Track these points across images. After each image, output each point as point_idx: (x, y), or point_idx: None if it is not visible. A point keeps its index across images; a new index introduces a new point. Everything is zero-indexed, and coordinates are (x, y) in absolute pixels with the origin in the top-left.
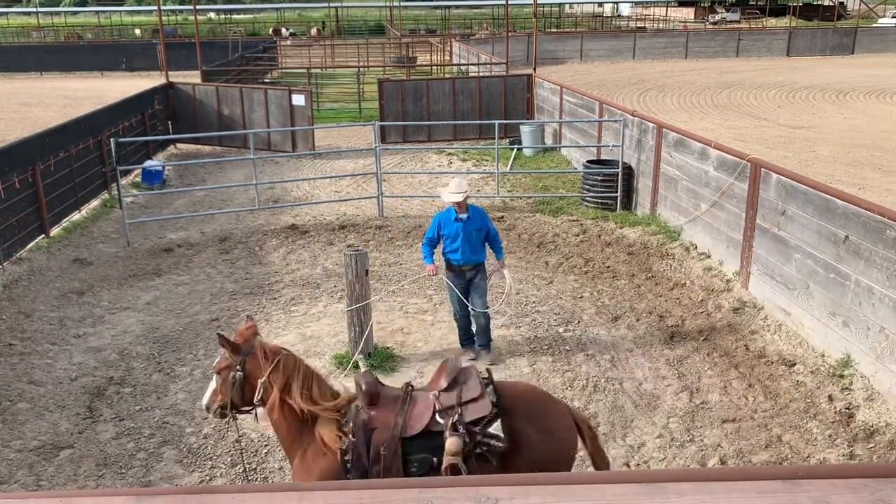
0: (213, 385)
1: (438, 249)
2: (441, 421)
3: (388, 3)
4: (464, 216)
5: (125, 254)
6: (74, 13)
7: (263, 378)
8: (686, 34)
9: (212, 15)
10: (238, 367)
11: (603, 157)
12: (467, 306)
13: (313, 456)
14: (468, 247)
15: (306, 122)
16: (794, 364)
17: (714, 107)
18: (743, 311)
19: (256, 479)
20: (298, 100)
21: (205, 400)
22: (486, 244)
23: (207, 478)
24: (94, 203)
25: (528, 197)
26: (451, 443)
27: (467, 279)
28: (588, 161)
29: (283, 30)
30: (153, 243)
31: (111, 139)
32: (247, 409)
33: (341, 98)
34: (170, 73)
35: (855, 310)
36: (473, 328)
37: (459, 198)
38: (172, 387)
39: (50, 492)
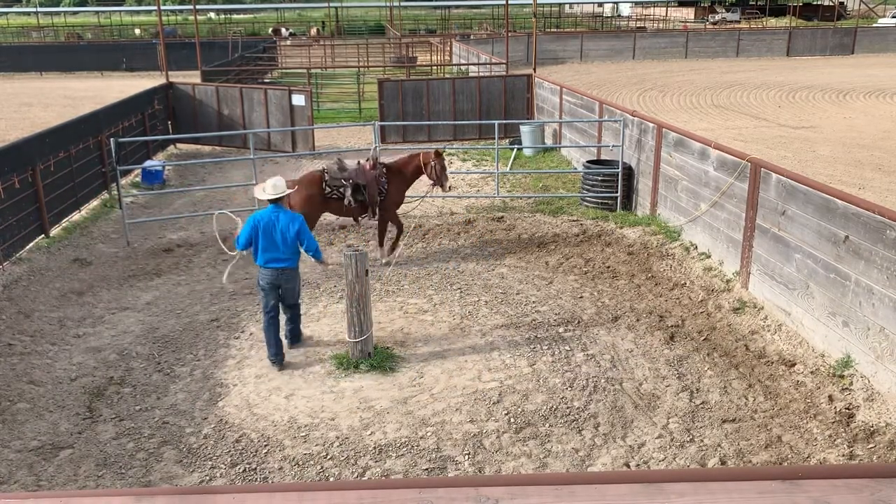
0: None
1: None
2: None
3: (388, 3)
4: None
5: (125, 254)
6: (74, 13)
7: None
8: (686, 34)
9: (212, 15)
10: None
11: (603, 157)
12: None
13: None
14: None
15: (306, 122)
16: (794, 364)
17: (714, 107)
18: (743, 311)
19: (256, 479)
20: (298, 100)
21: None
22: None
23: (207, 478)
24: (94, 203)
25: (528, 197)
26: None
27: None
28: (588, 161)
29: (283, 30)
30: (153, 243)
31: (111, 139)
32: None
33: (341, 98)
34: (170, 73)
35: (855, 310)
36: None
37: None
38: (172, 387)
39: (50, 492)
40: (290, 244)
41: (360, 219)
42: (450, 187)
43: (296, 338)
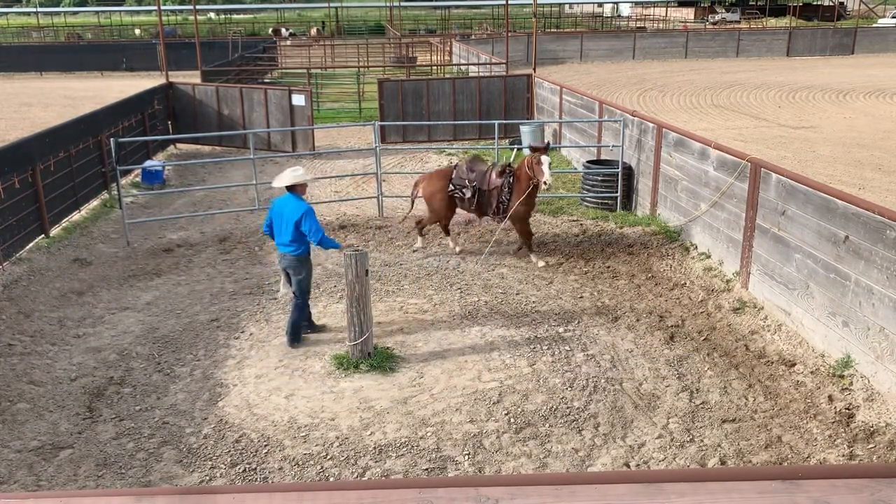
0: None
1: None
2: None
3: (388, 3)
4: None
5: (125, 254)
6: (74, 13)
7: None
8: (686, 34)
9: (212, 15)
10: None
11: (603, 157)
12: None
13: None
14: None
15: (306, 122)
16: (794, 364)
17: (714, 107)
18: (743, 311)
19: (256, 479)
20: (298, 100)
21: None
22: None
23: (207, 478)
24: (94, 203)
25: None
26: None
27: None
28: (588, 161)
29: (283, 30)
30: (153, 243)
31: (111, 139)
32: None
33: (341, 98)
34: (170, 73)
35: (855, 310)
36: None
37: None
38: (172, 387)
39: (50, 492)
40: (291, 231)
41: (481, 217)
42: (546, 183)
43: (295, 337)
